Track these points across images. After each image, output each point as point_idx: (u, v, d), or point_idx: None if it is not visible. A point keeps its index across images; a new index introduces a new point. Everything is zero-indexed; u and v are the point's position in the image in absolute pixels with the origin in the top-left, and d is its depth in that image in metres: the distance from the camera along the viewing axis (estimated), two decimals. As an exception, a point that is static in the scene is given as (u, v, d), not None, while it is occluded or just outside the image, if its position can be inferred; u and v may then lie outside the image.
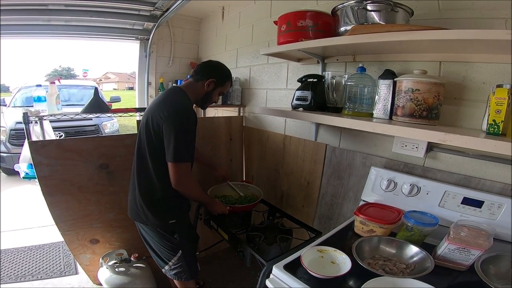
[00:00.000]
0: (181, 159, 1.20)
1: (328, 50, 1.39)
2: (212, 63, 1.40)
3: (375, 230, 1.09)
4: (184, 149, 1.20)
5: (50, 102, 1.66)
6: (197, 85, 1.34)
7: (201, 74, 1.33)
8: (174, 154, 1.18)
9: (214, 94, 1.38)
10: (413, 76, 1.02)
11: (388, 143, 1.30)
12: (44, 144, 1.45)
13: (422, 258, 0.91)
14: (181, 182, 1.23)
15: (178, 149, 1.18)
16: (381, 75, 1.15)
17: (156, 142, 1.22)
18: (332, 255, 0.97)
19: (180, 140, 1.18)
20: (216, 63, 1.40)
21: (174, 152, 1.17)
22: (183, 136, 1.19)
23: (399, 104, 1.04)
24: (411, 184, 1.14)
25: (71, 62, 51.78)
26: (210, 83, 1.32)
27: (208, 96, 1.37)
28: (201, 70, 1.35)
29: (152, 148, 1.24)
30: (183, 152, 1.20)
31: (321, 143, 1.62)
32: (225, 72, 1.39)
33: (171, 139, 1.17)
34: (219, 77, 1.35)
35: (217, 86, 1.35)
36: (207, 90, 1.33)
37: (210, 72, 1.34)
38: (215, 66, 1.39)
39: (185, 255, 1.36)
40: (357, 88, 1.20)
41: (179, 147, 1.18)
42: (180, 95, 1.30)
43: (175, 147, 1.17)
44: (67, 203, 1.55)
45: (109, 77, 29.34)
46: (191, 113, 1.24)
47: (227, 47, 2.44)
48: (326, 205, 1.66)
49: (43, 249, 2.26)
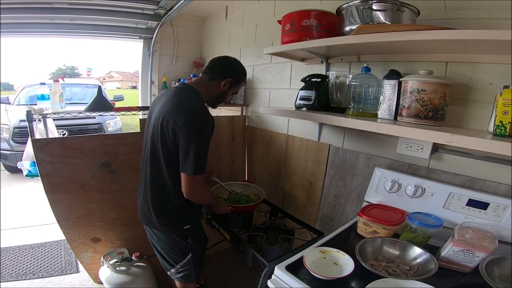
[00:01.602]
0: (199, 172, 1.12)
1: (332, 50, 1.38)
2: (229, 60, 1.28)
3: (378, 232, 1.08)
4: (203, 161, 1.13)
5: (54, 100, 1.65)
6: (212, 84, 1.23)
7: (216, 73, 1.23)
8: (194, 167, 1.10)
9: (229, 94, 1.30)
10: (419, 77, 1.00)
11: (393, 144, 1.28)
12: (47, 142, 1.46)
13: (426, 259, 0.90)
14: (195, 193, 1.17)
15: (198, 162, 1.10)
16: (386, 75, 1.14)
17: (172, 149, 1.13)
18: (335, 256, 0.96)
19: (200, 151, 1.10)
20: (234, 61, 1.29)
21: (194, 165, 1.09)
22: (202, 146, 1.11)
23: (404, 105, 1.03)
24: (416, 186, 1.13)
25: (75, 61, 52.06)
26: (227, 82, 1.23)
27: (222, 96, 1.28)
28: (217, 67, 1.23)
29: (167, 156, 1.16)
30: (203, 164, 1.13)
31: (324, 143, 1.61)
32: (243, 72, 1.31)
33: (190, 150, 1.08)
34: (236, 77, 1.26)
35: (233, 86, 1.27)
36: (222, 90, 1.24)
37: (228, 71, 1.24)
38: (232, 65, 1.28)
39: (194, 258, 1.34)
40: (362, 88, 1.18)
41: (199, 159, 1.10)
42: (194, 96, 1.19)
43: (195, 160, 1.09)
44: (69, 201, 1.55)
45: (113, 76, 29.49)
46: (209, 119, 1.14)
47: (230, 46, 2.43)
48: (328, 206, 1.65)
49: (44, 247, 2.27)
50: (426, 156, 1.16)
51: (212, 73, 1.23)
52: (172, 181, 1.19)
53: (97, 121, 4.26)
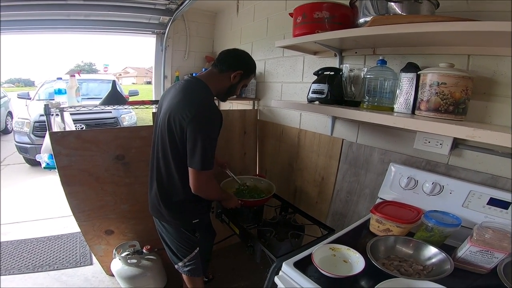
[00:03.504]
0: (207, 167, 1.11)
1: (346, 42, 1.34)
2: (239, 52, 1.26)
3: (391, 230, 1.05)
4: (211, 156, 1.11)
5: (70, 94, 1.70)
6: (222, 77, 1.21)
7: (226, 65, 1.20)
8: (202, 163, 1.09)
9: (239, 87, 1.28)
10: (439, 69, 0.95)
11: (409, 139, 1.23)
12: (64, 134, 1.50)
13: (441, 260, 0.86)
14: (203, 188, 1.17)
15: (205, 157, 1.08)
16: (403, 68, 1.09)
17: (180, 144, 1.13)
18: (345, 253, 0.94)
19: (207, 147, 1.08)
20: (243, 53, 1.27)
21: (201, 160, 1.08)
22: (209, 142, 1.10)
23: (423, 98, 0.99)
24: (434, 183, 1.08)
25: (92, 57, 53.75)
26: (237, 75, 1.21)
27: (232, 89, 1.26)
28: (227, 60, 1.21)
29: (175, 151, 1.16)
30: (210, 159, 1.11)
31: (337, 138, 1.58)
32: (253, 64, 1.28)
33: (197, 145, 1.07)
34: (246, 69, 1.24)
35: (243, 78, 1.25)
36: (232, 82, 1.22)
37: (238, 63, 1.22)
38: (243, 56, 1.25)
39: (201, 252, 1.35)
40: (377, 81, 1.14)
41: (206, 155, 1.08)
42: (202, 89, 1.18)
43: (202, 155, 1.08)
44: (84, 194, 1.59)
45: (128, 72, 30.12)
46: (217, 114, 1.13)
47: (242, 40, 2.41)
48: (340, 202, 1.61)
49: (61, 239, 2.36)
50: (445, 152, 1.11)
51: (222, 66, 1.21)
52: (180, 176, 1.19)
53: (113, 116, 4.36)
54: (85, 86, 4.95)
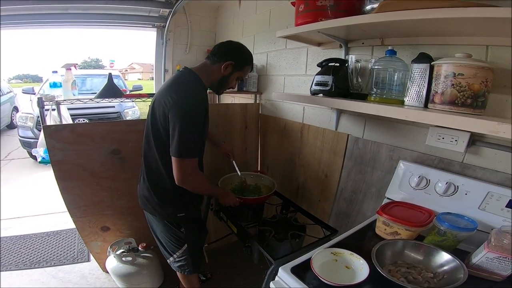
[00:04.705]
0: (186, 155, 1.07)
1: (352, 32, 1.25)
2: (232, 44, 1.23)
3: (399, 233, 0.98)
4: (191, 143, 1.07)
5: (66, 88, 1.65)
6: (213, 68, 1.19)
7: (218, 56, 1.18)
8: (178, 149, 1.05)
9: (232, 78, 1.24)
10: (455, 59, 0.87)
11: (421, 135, 1.15)
12: (58, 128, 1.45)
13: (454, 267, 0.78)
14: (186, 180, 1.11)
15: (183, 143, 1.05)
16: (415, 59, 1.01)
17: (163, 131, 1.10)
18: (348, 259, 0.87)
19: (186, 132, 1.04)
20: (237, 44, 1.24)
21: (178, 146, 1.05)
22: (189, 127, 1.05)
23: (438, 90, 0.90)
24: (448, 182, 0.99)
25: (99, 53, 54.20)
26: (228, 66, 1.18)
27: (224, 81, 1.23)
28: (219, 51, 1.19)
29: (158, 139, 1.14)
30: (189, 146, 1.07)
31: (342, 133, 1.49)
32: (246, 55, 1.24)
33: (176, 131, 1.04)
34: (238, 60, 1.20)
35: (235, 70, 1.21)
36: (223, 73, 1.19)
37: (229, 54, 1.19)
38: (235, 47, 1.22)
39: (190, 249, 1.31)
40: (386, 73, 1.06)
41: (185, 141, 1.05)
42: (191, 78, 1.17)
43: (180, 141, 1.04)
44: (79, 189, 1.55)
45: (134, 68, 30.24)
46: (200, 100, 1.11)
47: (244, 33, 2.34)
48: (344, 201, 1.54)
49: (60, 235, 2.33)
50: (461, 149, 1.02)
51: (214, 57, 1.20)
52: (165, 166, 1.16)
53: (116, 110, 4.33)
54: (90, 81, 4.95)
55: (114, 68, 16.86)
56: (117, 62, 32.18)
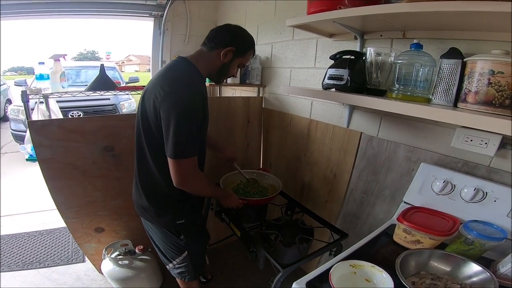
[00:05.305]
0: (183, 155, 0.95)
1: (371, 23, 1.13)
2: (231, 27, 1.10)
3: (422, 241, 0.90)
4: (188, 141, 0.94)
5: (54, 80, 1.53)
6: (211, 55, 1.06)
7: (216, 41, 1.05)
8: (175, 149, 0.93)
9: (233, 66, 1.11)
10: (494, 56, 0.78)
11: (445, 136, 1.05)
12: (44, 124, 1.33)
13: (484, 279, 0.72)
14: (185, 181, 0.99)
15: (180, 142, 0.93)
16: (445, 54, 0.92)
17: (155, 129, 0.98)
18: (368, 271, 0.79)
19: (182, 129, 0.92)
20: (236, 27, 1.10)
21: (174, 146, 0.92)
22: (185, 123, 0.92)
23: (471, 89, 0.81)
24: (476, 188, 0.91)
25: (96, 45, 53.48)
26: (228, 52, 1.05)
27: (225, 69, 1.10)
28: (217, 36, 1.06)
29: (150, 137, 1.01)
30: (186, 145, 0.94)
31: (354, 131, 1.39)
32: (247, 40, 1.11)
33: (170, 128, 0.91)
34: (239, 46, 1.07)
35: (236, 56, 1.08)
36: (223, 61, 1.06)
37: (229, 39, 1.06)
38: (235, 31, 1.09)
39: (191, 256, 1.21)
40: (410, 68, 0.96)
41: (181, 139, 0.92)
42: (186, 67, 1.03)
43: (176, 139, 0.92)
44: (70, 189, 1.44)
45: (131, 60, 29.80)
46: (198, 91, 0.96)
47: (246, 23, 2.20)
48: (354, 203, 1.45)
49: (54, 234, 2.23)
50: (491, 153, 0.92)
51: (211, 43, 1.06)
52: (159, 169, 1.05)
53: (111, 102, 4.19)
54: (84, 73, 4.80)
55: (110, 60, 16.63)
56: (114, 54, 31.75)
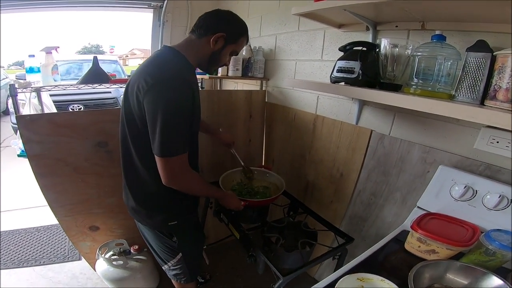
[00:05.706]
0: (171, 153, 0.87)
1: (387, 12, 1.04)
2: (221, 12, 1.02)
3: (438, 251, 0.82)
4: (177, 138, 0.86)
5: (45, 73, 1.45)
6: (200, 43, 0.97)
7: (205, 28, 0.97)
8: (162, 147, 0.85)
9: (224, 54, 1.02)
10: None
11: (467, 136, 0.96)
12: (33, 118, 1.25)
13: (506, 294, 0.64)
14: (174, 180, 0.92)
15: (167, 139, 0.84)
16: (472, 47, 0.83)
17: (140, 124, 0.90)
18: (377, 285, 0.72)
19: (169, 124, 0.83)
20: (226, 12, 1.03)
21: (161, 144, 0.84)
22: (172, 118, 0.84)
23: (502, 86, 0.73)
24: (501, 195, 0.82)
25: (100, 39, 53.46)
26: (219, 39, 0.97)
27: (215, 57, 1.01)
28: (206, 22, 0.98)
29: (134, 133, 0.93)
30: (174, 142, 0.86)
31: (364, 128, 1.30)
32: (239, 25, 1.03)
33: (157, 124, 0.83)
34: (230, 32, 0.99)
35: (227, 43, 1.00)
36: (214, 48, 0.98)
37: (218, 25, 0.97)
38: (225, 16, 1.01)
39: (186, 258, 1.14)
40: (432, 61, 0.87)
41: (168, 136, 0.84)
42: (172, 57, 0.95)
43: (163, 136, 0.84)
44: (62, 186, 1.37)
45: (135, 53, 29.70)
46: (185, 82, 0.87)
47: (249, 14, 2.10)
48: (361, 204, 1.37)
49: (51, 230, 2.19)
50: (517, 156, 0.83)
51: (200, 30, 0.98)
52: (146, 167, 0.97)
53: (112, 96, 4.11)
54: (87, 66, 4.74)
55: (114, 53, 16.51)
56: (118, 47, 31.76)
